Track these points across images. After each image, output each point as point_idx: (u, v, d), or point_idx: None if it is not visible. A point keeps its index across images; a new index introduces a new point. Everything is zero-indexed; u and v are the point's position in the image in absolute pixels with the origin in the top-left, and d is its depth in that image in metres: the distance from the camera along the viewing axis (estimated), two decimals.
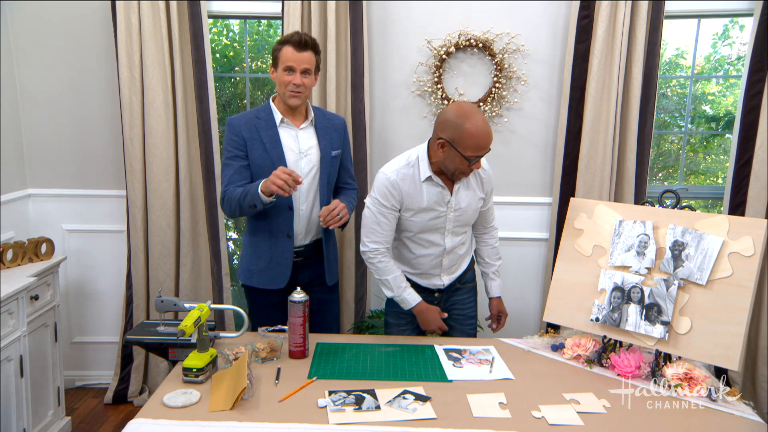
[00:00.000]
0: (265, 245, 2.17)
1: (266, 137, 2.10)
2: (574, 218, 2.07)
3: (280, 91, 2.10)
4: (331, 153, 2.19)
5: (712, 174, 3.40)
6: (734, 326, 1.67)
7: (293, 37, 2.04)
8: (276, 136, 2.12)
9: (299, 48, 2.03)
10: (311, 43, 2.06)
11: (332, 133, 2.22)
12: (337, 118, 2.29)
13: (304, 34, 2.05)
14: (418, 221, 2.04)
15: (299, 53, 2.03)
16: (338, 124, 2.26)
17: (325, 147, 2.18)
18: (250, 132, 2.11)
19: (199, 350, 1.76)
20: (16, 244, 2.57)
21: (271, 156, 2.09)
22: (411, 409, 1.57)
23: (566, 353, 1.93)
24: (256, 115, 2.15)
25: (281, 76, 2.06)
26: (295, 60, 2.03)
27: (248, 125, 2.12)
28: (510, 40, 2.79)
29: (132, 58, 2.76)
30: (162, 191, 2.85)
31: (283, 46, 2.05)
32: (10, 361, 2.30)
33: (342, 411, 1.55)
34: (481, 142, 1.87)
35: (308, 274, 2.23)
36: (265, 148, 2.09)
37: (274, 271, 2.17)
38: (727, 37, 3.07)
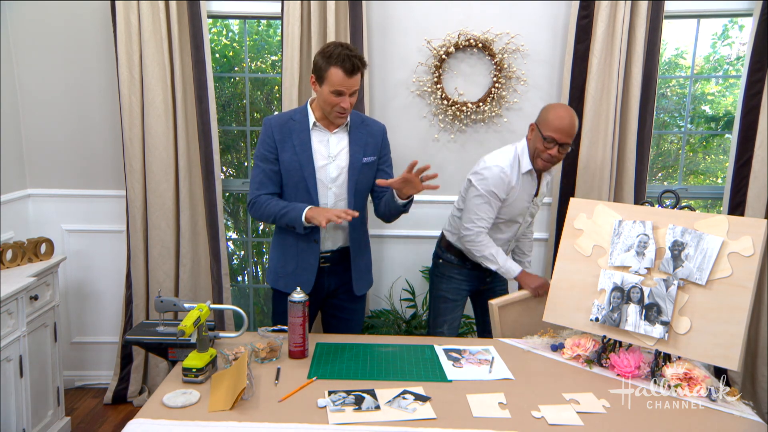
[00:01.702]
0: (292, 250, 2.14)
1: (297, 140, 2.06)
2: (573, 218, 2.07)
3: (325, 109, 2.02)
4: (362, 159, 2.11)
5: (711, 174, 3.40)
6: (734, 326, 1.67)
7: (344, 62, 1.91)
8: (307, 139, 2.07)
9: (351, 74, 1.94)
10: (361, 65, 1.97)
11: (367, 139, 2.13)
12: (376, 125, 2.20)
13: (353, 57, 1.93)
14: (510, 210, 2.33)
15: (350, 78, 1.94)
16: (376, 131, 2.17)
17: (356, 153, 2.11)
18: (283, 134, 2.07)
19: (199, 350, 1.76)
20: (16, 244, 2.57)
21: (300, 159, 2.05)
22: (411, 409, 1.57)
23: (566, 353, 1.93)
24: (292, 116, 2.10)
25: (328, 96, 1.97)
26: (345, 85, 1.94)
27: (282, 127, 2.08)
28: (510, 40, 2.79)
29: (132, 58, 2.76)
30: (161, 191, 2.85)
31: (331, 66, 1.93)
32: (10, 361, 2.30)
33: (342, 411, 1.55)
34: (558, 122, 2.15)
35: (335, 281, 2.19)
36: (295, 150, 2.05)
37: (300, 276, 2.13)
38: (726, 37, 3.07)
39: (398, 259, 3.05)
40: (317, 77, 1.99)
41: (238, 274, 3.85)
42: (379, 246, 3.03)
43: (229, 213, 3.84)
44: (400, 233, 3.00)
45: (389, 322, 2.88)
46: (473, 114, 2.86)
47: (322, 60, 1.95)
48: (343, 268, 2.19)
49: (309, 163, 2.06)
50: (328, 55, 1.93)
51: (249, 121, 3.21)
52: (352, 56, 1.93)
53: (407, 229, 2.98)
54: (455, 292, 2.47)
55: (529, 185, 2.31)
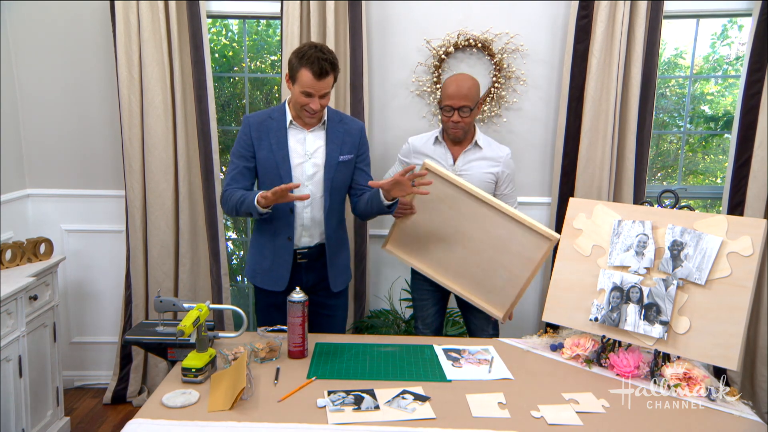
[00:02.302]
0: (269, 246, 2.18)
1: (274, 138, 2.09)
2: (573, 218, 2.07)
3: (296, 107, 2.06)
4: (339, 158, 2.14)
5: (710, 174, 3.40)
6: (733, 326, 1.67)
7: (314, 64, 1.93)
8: (284, 137, 2.10)
9: (320, 77, 1.95)
10: (331, 69, 1.98)
11: (344, 138, 2.16)
12: (354, 123, 2.22)
13: (324, 60, 1.94)
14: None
15: (318, 81, 1.96)
16: (354, 129, 2.20)
17: (333, 151, 2.13)
18: (260, 132, 2.10)
19: (198, 350, 1.76)
20: (15, 244, 2.57)
21: (276, 157, 2.09)
22: (410, 409, 1.57)
23: (565, 353, 1.93)
24: (270, 115, 2.14)
25: (298, 95, 2.01)
26: (314, 87, 1.97)
27: (260, 125, 2.11)
28: (509, 40, 2.79)
29: (131, 58, 2.75)
30: (161, 191, 2.85)
31: (302, 67, 1.95)
32: (9, 362, 2.30)
33: (341, 411, 1.55)
34: (446, 90, 2.25)
35: (312, 278, 2.21)
36: (272, 148, 2.09)
37: (276, 273, 2.17)
38: (725, 37, 3.07)
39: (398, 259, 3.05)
40: (290, 76, 2.02)
41: (238, 274, 3.85)
42: (379, 245, 3.02)
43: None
44: None
45: (389, 322, 2.88)
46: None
47: (295, 59, 1.98)
48: (320, 264, 2.22)
49: (285, 161, 2.09)
50: (301, 56, 1.96)
51: None
52: (323, 59, 1.94)
53: None
54: (419, 291, 2.50)
55: (441, 152, 2.36)
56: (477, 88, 2.28)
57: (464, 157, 2.35)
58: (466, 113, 2.24)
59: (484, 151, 2.35)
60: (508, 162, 2.38)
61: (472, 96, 2.23)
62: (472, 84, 2.25)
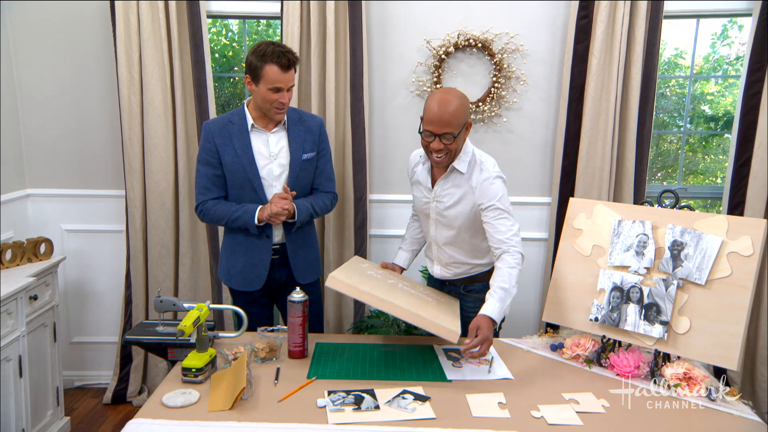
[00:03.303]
0: (242, 247, 2.18)
1: (237, 143, 2.11)
2: (573, 218, 2.07)
3: (264, 107, 2.08)
4: (302, 156, 2.16)
5: (711, 174, 3.40)
6: (733, 326, 1.67)
7: (279, 58, 1.98)
8: (247, 141, 2.12)
9: (287, 70, 2.00)
10: (295, 60, 2.04)
11: (305, 136, 2.18)
12: (312, 119, 2.24)
13: (287, 52, 2.01)
14: (415, 196, 2.16)
15: (286, 74, 2.00)
16: (313, 126, 2.21)
17: (296, 150, 2.15)
18: (222, 138, 2.11)
19: (198, 350, 1.76)
20: (15, 244, 2.57)
21: (242, 161, 2.10)
22: (410, 409, 1.57)
23: (565, 353, 1.93)
24: (230, 119, 2.14)
25: (266, 93, 2.03)
26: (282, 81, 2.00)
27: (221, 131, 2.12)
28: (509, 40, 2.79)
29: (131, 58, 2.75)
30: (161, 191, 2.85)
31: (266, 64, 1.98)
32: (9, 361, 2.30)
33: (341, 411, 1.55)
34: (427, 113, 1.89)
35: (285, 273, 2.22)
36: (236, 153, 2.10)
37: (251, 273, 2.18)
38: (726, 37, 3.07)
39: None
40: (253, 77, 2.04)
41: None
42: (379, 246, 3.03)
43: None
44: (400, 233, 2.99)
45: (389, 322, 2.88)
46: (473, 114, 2.86)
47: (256, 59, 2.00)
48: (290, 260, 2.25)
49: (251, 164, 2.11)
50: (262, 54, 1.99)
51: None
52: (286, 52, 2.00)
53: None
54: None
55: (423, 176, 2.09)
56: (464, 109, 1.89)
57: (442, 184, 2.02)
58: (449, 140, 1.87)
59: (464, 177, 1.98)
60: (484, 189, 1.95)
61: (457, 121, 1.86)
62: (458, 106, 1.86)
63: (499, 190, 1.96)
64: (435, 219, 2.08)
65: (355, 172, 2.84)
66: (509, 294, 1.87)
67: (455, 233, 2.06)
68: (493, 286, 1.88)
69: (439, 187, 2.03)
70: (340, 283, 1.81)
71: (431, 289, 2.17)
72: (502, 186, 1.98)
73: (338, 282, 1.81)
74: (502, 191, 1.96)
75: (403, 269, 2.25)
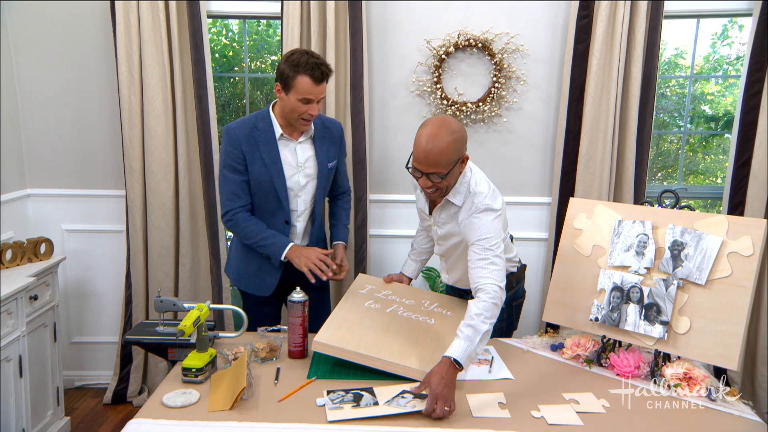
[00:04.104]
0: (257, 252, 2.17)
1: (265, 152, 2.07)
2: (573, 218, 2.07)
3: (291, 116, 2.03)
4: (328, 165, 2.17)
5: (711, 174, 3.40)
6: (733, 326, 1.67)
7: (313, 70, 1.92)
8: (275, 150, 2.08)
9: (319, 82, 1.95)
10: (329, 72, 1.99)
11: (329, 144, 2.18)
12: (335, 126, 2.24)
13: (322, 64, 1.94)
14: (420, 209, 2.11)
15: (318, 86, 1.96)
16: (336, 133, 2.22)
17: (323, 160, 2.15)
18: (250, 146, 2.07)
19: (199, 350, 1.76)
20: (15, 244, 2.57)
21: (270, 171, 2.07)
22: (410, 407, 1.57)
23: (566, 353, 1.93)
24: (255, 125, 2.09)
25: (295, 104, 1.98)
26: (314, 93, 1.96)
27: (248, 138, 2.07)
28: (509, 40, 2.79)
29: (131, 58, 2.75)
30: (161, 191, 2.85)
31: (298, 74, 1.93)
32: (10, 361, 2.30)
33: (340, 408, 1.55)
34: (417, 150, 1.75)
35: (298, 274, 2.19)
36: (264, 163, 2.07)
37: (262, 279, 2.18)
38: (726, 36, 3.07)
39: (398, 259, 3.05)
40: (284, 86, 1.99)
41: None
42: (379, 246, 3.03)
43: None
44: (400, 233, 3.00)
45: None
46: (473, 114, 2.86)
47: (288, 68, 1.95)
48: None
49: (279, 175, 2.08)
50: (295, 63, 1.93)
51: None
52: (320, 64, 1.94)
53: (408, 230, 2.97)
54: None
55: (422, 200, 2.04)
56: (456, 145, 1.74)
57: (438, 213, 1.97)
58: (438, 179, 1.77)
59: (459, 210, 1.90)
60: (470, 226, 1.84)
61: (446, 160, 1.73)
62: (449, 143, 1.72)
63: (483, 225, 1.81)
64: (437, 241, 2.08)
65: (355, 172, 2.84)
66: (478, 332, 1.66)
67: (458, 255, 2.04)
68: (461, 324, 1.70)
69: (436, 215, 1.98)
70: (324, 347, 1.76)
71: (439, 298, 2.16)
72: (488, 219, 1.82)
73: (323, 346, 1.76)
74: (486, 226, 1.81)
75: (411, 279, 2.27)
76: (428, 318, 2.01)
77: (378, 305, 2.02)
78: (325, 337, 1.78)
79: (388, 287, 2.18)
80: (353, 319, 1.90)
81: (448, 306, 2.13)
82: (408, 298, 2.12)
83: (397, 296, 2.12)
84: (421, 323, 1.97)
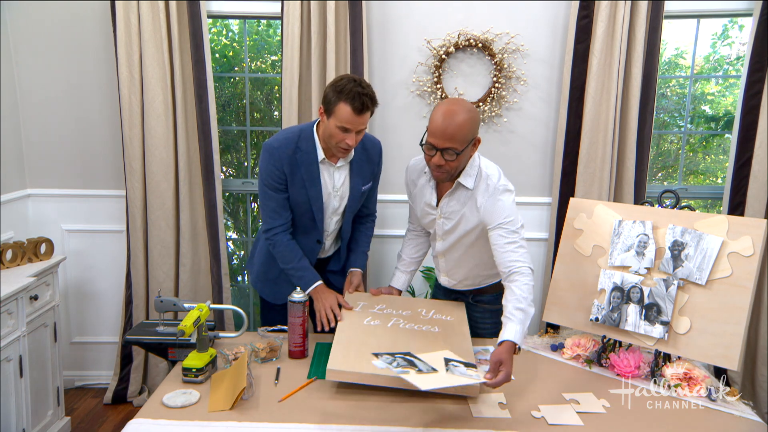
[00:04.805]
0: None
1: (306, 174, 2.02)
2: (573, 218, 2.07)
3: (330, 142, 1.95)
4: (361, 189, 2.12)
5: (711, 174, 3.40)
6: (734, 326, 1.67)
7: (354, 99, 1.83)
8: (316, 174, 2.03)
9: (360, 113, 1.86)
10: (371, 104, 1.89)
11: (365, 167, 2.11)
12: (374, 148, 2.15)
13: (364, 95, 1.84)
14: (417, 210, 2.06)
15: (358, 117, 1.86)
16: (374, 154, 2.15)
17: (356, 184, 2.10)
18: (292, 167, 2.00)
19: (199, 350, 1.76)
20: (16, 244, 2.57)
21: (309, 194, 2.04)
22: (476, 376, 1.59)
23: (566, 353, 1.93)
24: (298, 145, 2.01)
25: (334, 130, 1.90)
26: (352, 123, 1.86)
27: (290, 159, 2.00)
28: (509, 40, 2.79)
29: (131, 58, 2.76)
30: (161, 191, 2.85)
31: (341, 101, 1.84)
32: (10, 361, 2.30)
33: (406, 372, 1.53)
34: (432, 124, 1.74)
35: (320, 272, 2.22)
36: (304, 185, 2.03)
37: (279, 287, 2.15)
38: (726, 37, 3.07)
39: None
40: (326, 109, 1.91)
41: (238, 274, 3.85)
42: (380, 246, 3.03)
43: (229, 213, 3.84)
44: (400, 233, 2.99)
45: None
46: None
47: (332, 93, 1.87)
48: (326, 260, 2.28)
49: (318, 198, 2.05)
50: (340, 90, 1.86)
51: (249, 121, 3.21)
52: (363, 94, 1.85)
53: None
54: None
55: (428, 192, 1.98)
56: (471, 123, 1.75)
57: (447, 201, 1.94)
58: (452, 157, 1.75)
59: (470, 194, 1.89)
60: (489, 207, 1.85)
61: (462, 136, 1.73)
62: (465, 120, 1.73)
63: (505, 206, 1.83)
64: (442, 236, 2.03)
65: None
66: (528, 315, 1.73)
67: (463, 251, 2.01)
68: (508, 307, 1.74)
69: (444, 204, 1.94)
70: (339, 374, 1.63)
71: (433, 304, 2.12)
72: (509, 200, 1.85)
73: (337, 373, 1.63)
74: (508, 207, 1.83)
75: (400, 292, 2.20)
76: (431, 326, 1.94)
77: (377, 321, 1.94)
78: (337, 363, 1.64)
79: (380, 300, 2.10)
80: (359, 340, 1.79)
81: (445, 311, 2.06)
82: (404, 309, 2.05)
83: (392, 309, 2.05)
84: (426, 333, 1.89)
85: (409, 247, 2.22)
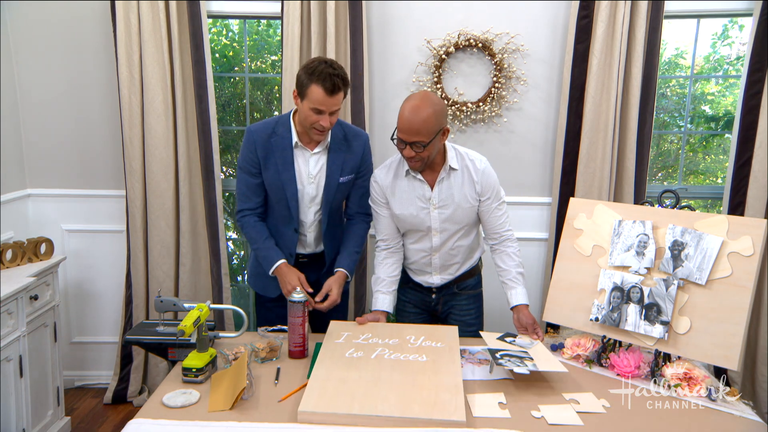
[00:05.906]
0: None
1: (280, 158, 2.05)
2: (573, 218, 2.07)
3: (304, 124, 1.98)
4: (339, 179, 2.10)
5: (711, 174, 3.40)
6: (734, 326, 1.67)
7: (325, 80, 1.86)
8: (289, 158, 2.05)
9: (331, 94, 1.89)
10: (343, 85, 1.92)
11: (345, 158, 2.10)
12: (357, 139, 2.14)
13: (335, 76, 1.88)
14: (403, 214, 2.06)
15: (330, 98, 1.89)
16: (357, 147, 2.12)
17: (333, 174, 2.09)
18: (266, 150, 2.05)
19: (199, 350, 1.76)
20: (16, 244, 2.57)
21: (282, 179, 2.05)
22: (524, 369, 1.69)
23: (566, 353, 1.93)
24: (275, 129, 2.06)
25: (307, 112, 1.93)
26: (325, 104, 1.89)
27: (265, 143, 2.04)
28: (509, 40, 2.79)
29: (131, 58, 2.76)
30: (161, 191, 2.85)
31: (312, 83, 1.88)
32: (10, 361, 2.30)
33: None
34: (400, 121, 1.88)
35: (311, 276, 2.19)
36: (278, 169, 2.05)
37: (269, 279, 2.16)
38: (726, 37, 3.07)
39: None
40: (299, 92, 1.95)
41: (238, 274, 3.85)
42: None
43: (229, 213, 3.84)
44: None
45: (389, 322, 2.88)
46: (473, 114, 2.86)
47: (304, 75, 1.91)
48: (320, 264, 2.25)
49: (291, 183, 2.06)
50: (311, 72, 1.89)
51: (249, 121, 3.21)
52: (334, 75, 1.88)
53: None
54: (400, 313, 2.31)
55: (417, 186, 2.03)
56: (437, 117, 1.87)
57: (439, 187, 2.03)
58: (420, 149, 1.88)
59: (460, 173, 2.03)
60: (486, 179, 2.04)
61: (427, 130, 1.85)
62: (430, 114, 1.84)
63: (495, 178, 2.08)
64: (438, 228, 2.06)
65: None
66: (524, 275, 2.11)
67: (460, 234, 2.10)
68: (511, 272, 2.10)
69: (437, 192, 2.02)
70: (313, 416, 1.50)
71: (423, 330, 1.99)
72: (493, 171, 2.09)
73: (310, 415, 1.50)
74: (495, 178, 2.08)
75: (387, 313, 2.13)
76: (418, 355, 1.80)
77: (360, 353, 1.81)
78: (311, 405, 1.52)
79: (366, 329, 1.99)
80: (338, 376, 1.66)
81: (435, 337, 1.93)
82: (391, 338, 1.92)
83: (378, 338, 1.92)
84: (412, 363, 1.75)
85: (386, 267, 2.14)
